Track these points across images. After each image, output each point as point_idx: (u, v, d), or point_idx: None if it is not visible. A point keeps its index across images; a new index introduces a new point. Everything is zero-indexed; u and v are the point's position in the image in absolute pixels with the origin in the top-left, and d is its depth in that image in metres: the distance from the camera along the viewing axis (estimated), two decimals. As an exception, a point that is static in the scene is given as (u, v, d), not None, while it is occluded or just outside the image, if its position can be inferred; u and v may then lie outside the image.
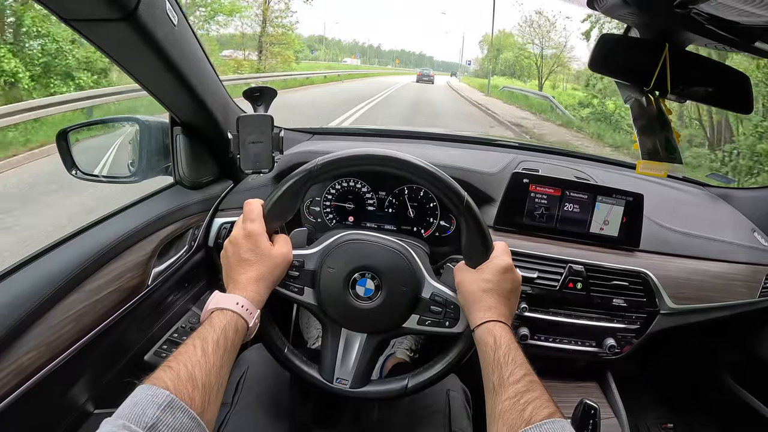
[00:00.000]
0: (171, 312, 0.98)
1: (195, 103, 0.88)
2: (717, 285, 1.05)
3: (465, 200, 0.71)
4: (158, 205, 0.93)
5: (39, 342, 0.65)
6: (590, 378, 1.13)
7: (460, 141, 1.45)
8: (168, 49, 0.72)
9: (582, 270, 0.98)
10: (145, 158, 0.97)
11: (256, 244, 0.67)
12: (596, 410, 0.76)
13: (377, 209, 1.08)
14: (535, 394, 0.53)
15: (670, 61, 0.73)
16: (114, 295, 0.78)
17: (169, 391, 0.47)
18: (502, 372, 0.57)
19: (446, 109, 14.15)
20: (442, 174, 0.72)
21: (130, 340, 0.87)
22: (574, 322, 1.00)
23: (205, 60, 0.87)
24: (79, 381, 0.76)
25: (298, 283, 0.75)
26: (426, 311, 0.74)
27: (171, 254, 0.94)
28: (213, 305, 0.61)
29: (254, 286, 0.65)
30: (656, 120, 0.76)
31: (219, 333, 0.57)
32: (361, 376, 0.75)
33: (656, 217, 1.09)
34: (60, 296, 0.69)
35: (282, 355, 0.76)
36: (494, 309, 0.65)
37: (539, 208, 1.02)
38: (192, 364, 0.52)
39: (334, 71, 26.86)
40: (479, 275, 0.69)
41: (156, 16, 0.66)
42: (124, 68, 0.75)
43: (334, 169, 0.73)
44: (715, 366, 1.39)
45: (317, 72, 22.18)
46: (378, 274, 0.74)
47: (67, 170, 0.96)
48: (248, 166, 0.92)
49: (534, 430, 0.49)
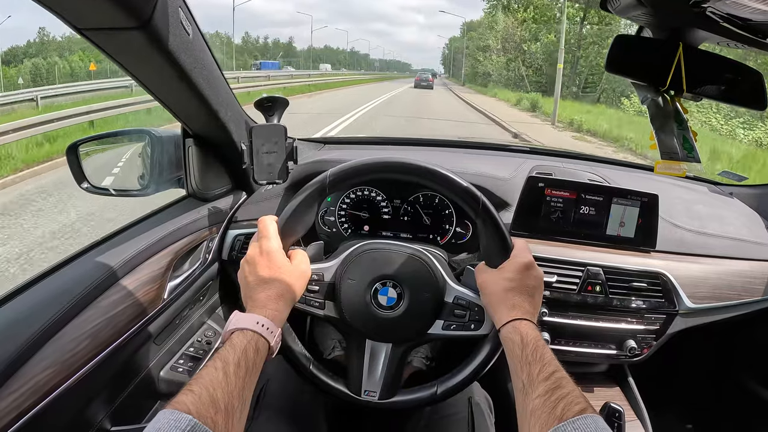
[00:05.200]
0: (186, 326, 0.97)
1: (208, 113, 0.87)
2: (735, 283, 1.05)
3: (481, 201, 0.71)
4: (171, 219, 0.92)
5: (55, 359, 0.64)
6: (611, 381, 1.11)
7: (471, 147, 1.45)
8: (182, 58, 0.71)
9: (600, 272, 0.97)
10: (157, 171, 0.96)
11: (273, 261, 0.67)
12: (620, 413, 0.75)
13: (392, 218, 1.07)
14: (566, 391, 0.52)
15: (685, 60, 0.73)
16: (130, 310, 0.77)
17: (191, 416, 0.46)
18: (531, 370, 0.56)
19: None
20: (456, 177, 0.71)
21: (146, 356, 0.86)
22: (594, 325, 0.99)
23: (218, 71, 0.87)
24: (96, 398, 0.74)
25: (318, 298, 0.74)
26: (450, 316, 0.73)
27: (185, 268, 0.93)
28: (233, 326, 0.60)
29: (274, 304, 0.64)
30: (673, 119, 0.76)
31: (240, 354, 0.56)
32: (389, 387, 0.74)
33: (670, 218, 1.08)
34: (74, 312, 0.68)
35: (308, 371, 0.75)
36: (519, 307, 0.64)
37: (555, 212, 1.02)
38: (214, 386, 0.51)
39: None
40: (501, 274, 0.68)
41: (170, 25, 0.66)
42: (137, 78, 0.74)
43: (347, 178, 0.73)
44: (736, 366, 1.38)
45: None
46: (399, 282, 0.73)
47: (77, 184, 0.96)
48: (262, 177, 0.91)
49: (567, 426, 0.48)
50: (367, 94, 22.85)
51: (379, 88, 30.99)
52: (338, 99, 18.89)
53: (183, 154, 0.96)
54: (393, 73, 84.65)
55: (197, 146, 0.96)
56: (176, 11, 0.68)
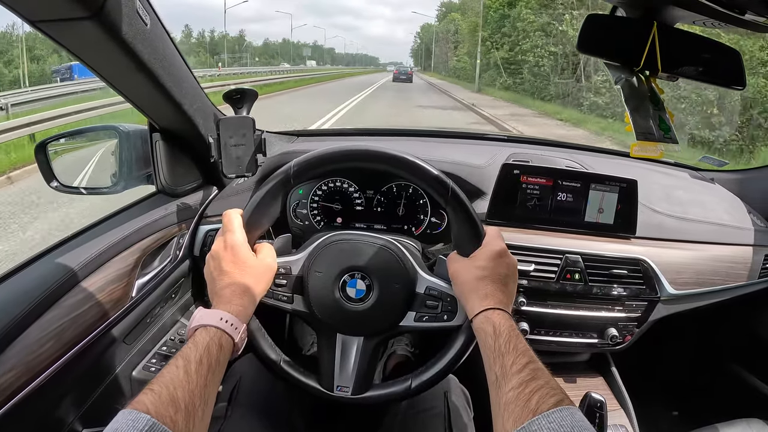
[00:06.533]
0: (158, 325, 0.94)
1: (172, 106, 0.84)
2: (717, 268, 1.04)
3: (450, 187, 0.69)
4: (139, 215, 0.90)
5: (17, 361, 0.62)
6: (594, 371, 1.11)
7: (447, 136, 1.44)
8: (139, 49, 0.69)
9: (579, 260, 0.96)
10: (126, 167, 0.94)
11: (237, 255, 0.65)
12: (602, 403, 0.74)
13: (366, 209, 1.05)
14: (541, 382, 0.50)
15: (659, 40, 0.71)
16: (95, 309, 0.75)
17: (150, 415, 0.45)
18: (504, 361, 0.54)
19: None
20: (423, 163, 0.69)
21: (116, 356, 0.84)
22: (574, 314, 0.98)
23: (182, 62, 0.84)
24: (64, 400, 0.73)
25: (286, 292, 0.73)
26: (422, 307, 0.72)
27: (155, 265, 0.91)
28: (196, 322, 0.59)
29: (239, 299, 0.63)
30: (648, 100, 0.74)
31: (202, 351, 0.54)
32: (362, 382, 0.73)
33: (650, 204, 1.07)
34: (37, 313, 0.67)
35: (277, 366, 0.73)
36: (491, 296, 0.63)
37: (532, 199, 1.00)
38: (174, 385, 0.49)
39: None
40: (472, 263, 0.66)
41: (125, 14, 0.63)
42: (95, 70, 0.72)
43: (311, 168, 0.71)
44: (719, 351, 1.38)
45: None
46: (368, 273, 0.72)
47: (46, 183, 0.94)
48: (231, 170, 0.89)
49: (541, 420, 0.46)
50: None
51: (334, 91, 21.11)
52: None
53: (150, 149, 0.94)
54: (355, 69, 78.64)
55: (164, 140, 0.93)
56: (132, 0, 0.65)
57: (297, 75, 30.63)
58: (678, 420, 1.38)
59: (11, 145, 6.37)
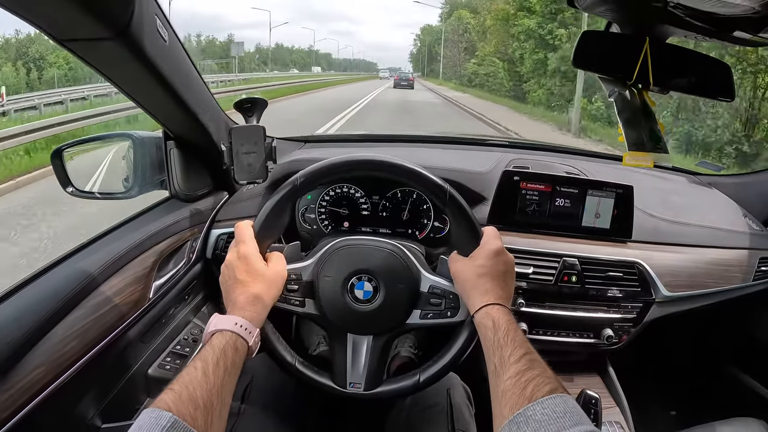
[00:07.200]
0: (173, 324, 0.98)
1: (187, 116, 0.88)
2: (711, 271, 1.07)
3: (448, 192, 0.73)
4: (155, 220, 0.94)
5: (45, 359, 0.66)
6: (591, 370, 1.14)
7: (450, 142, 1.47)
8: (160, 64, 0.73)
9: (576, 263, 0.99)
10: (140, 173, 0.97)
11: (249, 265, 0.69)
12: (597, 400, 0.77)
13: (371, 214, 1.09)
14: (536, 372, 0.54)
15: (651, 54, 0.74)
16: (117, 310, 0.79)
17: (171, 413, 0.49)
18: (502, 353, 0.58)
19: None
20: (422, 170, 0.74)
21: (134, 354, 0.88)
22: (571, 315, 1.01)
23: (196, 74, 0.88)
24: (86, 396, 0.76)
25: (298, 296, 0.77)
26: (426, 305, 0.76)
27: (170, 267, 0.95)
28: (213, 327, 0.63)
29: (252, 306, 0.67)
30: (640, 112, 0.78)
31: (219, 354, 0.58)
32: (374, 378, 0.77)
33: (647, 208, 1.10)
34: (63, 313, 0.70)
35: (292, 367, 0.78)
36: (491, 292, 0.67)
37: (531, 205, 1.03)
38: (194, 385, 0.53)
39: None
40: (472, 262, 0.71)
41: (147, 33, 0.68)
42: (118, 85, 0.76)
43: (315, 179, 0.75)
44: (714, 352, 1.40)
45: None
46: (374, 276, 0.76)
47: (62, 188, 0.97)
48: (242, 176, 0.93)
49: (536, 406, 0.50)
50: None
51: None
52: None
53: (165, 157, 0.98)
54: (352, 74, 72.92)
55: (178, 148, 0.97)
56: (152, 19, 0.69)
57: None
58: (675, 420, 1.40)
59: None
